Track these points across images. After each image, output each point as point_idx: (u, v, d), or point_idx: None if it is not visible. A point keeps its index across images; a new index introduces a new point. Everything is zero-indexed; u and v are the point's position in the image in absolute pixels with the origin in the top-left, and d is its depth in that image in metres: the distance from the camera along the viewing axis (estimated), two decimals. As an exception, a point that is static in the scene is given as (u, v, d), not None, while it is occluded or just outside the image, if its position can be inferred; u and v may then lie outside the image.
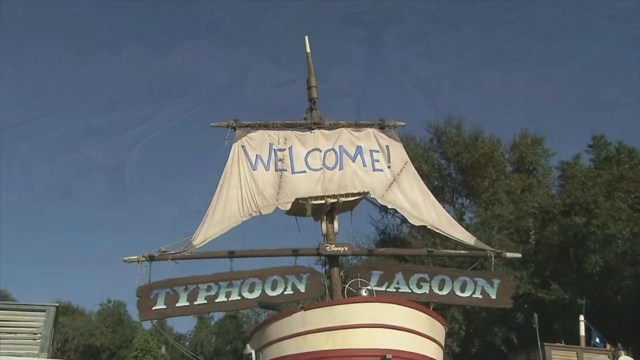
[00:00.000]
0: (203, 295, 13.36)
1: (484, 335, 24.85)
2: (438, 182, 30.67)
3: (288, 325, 12.46)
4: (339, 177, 14.91)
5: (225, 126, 15.22)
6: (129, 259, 13.46)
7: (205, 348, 49.21)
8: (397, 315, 12.08)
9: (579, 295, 21.55)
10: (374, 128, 15.76)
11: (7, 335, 13.09)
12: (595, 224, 22.79)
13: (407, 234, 28.21)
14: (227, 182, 14.62)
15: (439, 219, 15.27)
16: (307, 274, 13.88)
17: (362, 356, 11.61)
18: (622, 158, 27.36)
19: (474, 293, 14.26)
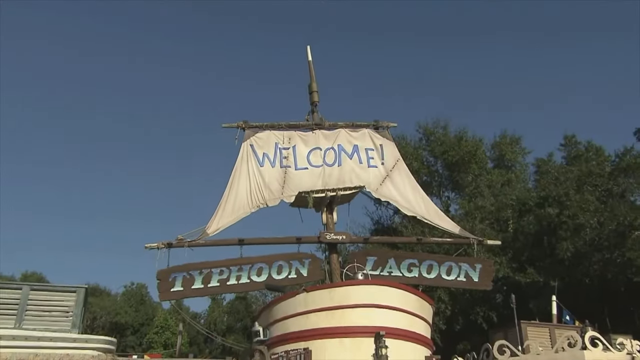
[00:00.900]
0: (216, 279, 13.37)
1: (467, 314, 24.89)
2: (426, 177, 30.65)
3: (292, 305, 12.47)
4: (338, 173, 14.89)
5: (236, 127, 15.21)
6: (149, 245, 13.46)
7: (218, 326, 49.28)
8: (390, 296, 12.09)
9: (552, 278, 21.57)
10: (369, 128, 15.73)
11: (43, 313, 13.12)
12: (567, 215, 22.78)
13: (399, 223, 28.20)
14: (237, 177, 14.60)
15: (428, 210, 15.25)
16: (309, 260, 13.86)
17: (359, 333, 11.61)
18: (590, 156, 27.38)
19: (458, 276, 14.27)
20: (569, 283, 21.70)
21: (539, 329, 16.61)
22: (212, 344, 44.80)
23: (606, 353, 14.66)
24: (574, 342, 14.81)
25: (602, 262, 20.78)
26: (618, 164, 24.55)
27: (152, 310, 53.02)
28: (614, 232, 20.50)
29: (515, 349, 15.60)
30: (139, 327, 51.96)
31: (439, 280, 14.36)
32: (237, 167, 14.73)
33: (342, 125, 15.64)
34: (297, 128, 15.47)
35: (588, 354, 14.47)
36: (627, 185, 23.06)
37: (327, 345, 11.63)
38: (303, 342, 11.84)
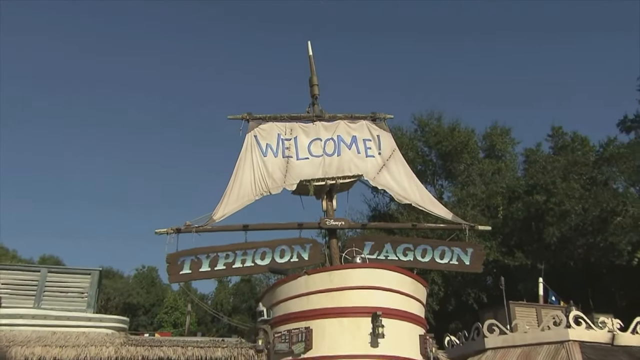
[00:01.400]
0: (222, 262, 13.39)
1: (459, 295, 25.01)
2: (421, 166, 30.68)
3: (294, 287, 12.51)
4: (337, 163, 14.87)
5: (240, 118, 15.16)
6: (159, 231, 13.47)
7: (224, 306, 49.58)
8: (386, 278, 12.13)
9: (539, 261, 21.67)
10: (366, 120, 15.67)
11: (60, 294, 13.22)
12: (553, 202, 22.83)
13: (395, 210, 28.25)
14: (241, 166, 14.58)
15: (422, 197, 15.24)
16: (310, 244, 13.88)
17: (357, 313, 11.66)
18: (576, 146, 27.41)
19: (451, 260, 14.28)
20: (554, 266, 21.79)
21: (526, 309, 16.70)
22: (219, 324, 45.04)
23: (589, 331, 14.77)
24: (559, 321, 14.93)
25: (586, 246, 20.86)
26: (602, 154, 24.55)
27: (162, 292, 53.32)
28: (597, 218, 20.56)
29: (504, 327, 15.72)
30: (150, 307, 52.27)
31: (433, 263, 14.36)
32: (242, 157, 14.69)
33: (341, 117, 15.58)
34: (299, 120, 15.41)
35: (572, 332, 14.59)
36: (610, 174, 23.09)
37: (327, 325, 11.67)
38: (304, 321, 11.90)
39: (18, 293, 12.94)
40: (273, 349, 12.34)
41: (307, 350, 11.59)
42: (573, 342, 14.36)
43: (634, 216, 19.35)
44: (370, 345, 11.39)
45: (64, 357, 11.47)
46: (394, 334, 11.57)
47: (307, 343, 11.62)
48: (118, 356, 11.88)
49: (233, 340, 13.70)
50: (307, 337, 11.67)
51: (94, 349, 11.79)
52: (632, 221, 19.36)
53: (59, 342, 11.84)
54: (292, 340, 11.87)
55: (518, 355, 14.78)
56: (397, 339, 11.65)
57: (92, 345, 11.91)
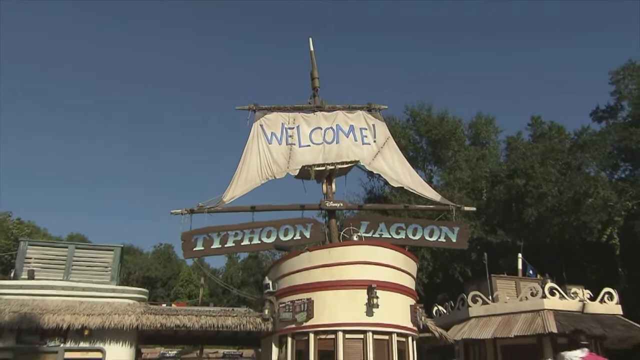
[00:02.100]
0: (232, 240, 13.42)
1: (446, 269, 25.13)
2: (412, 152, 30.60)
3: (297, 262, 12.56)
4: (336, 149, 14.82)
5: (247, 109, 15.07)
6: (174, 211, 13.49)
7: (234, 280, 49.88)
8: (381, 254, 12.18)
9: (518, 238, 21.72)
10: (363, 110, 15.57)
11: (86, 268, 13.27)
12: (532, 185, 22.81)
13: (389, 193, 28.26)
14: (249, 153, 14.53)
15: (413, 181, 15.21)
16: (311, 224, 13.87)
17: (354, 285, 11.73)
18: (553, 134, 27.30)
19: (439, 238, 14.30)
20: (532, 243, 21.84)
21: (506, 282, 16.80)
22: (229, 295, 45.37)
23: (562, 301, 14.91)
24: (536, 292, 15.05)
25: (561, 225, 20.89)
26: (576, 141, 24.46)
27: (178, 267, 53.65)
28: (571, 199, 20.56)
29: (486, 298, 15.85)
30: (167, 280, 52.65)
31: (423, 241, 14.41)
32: (249, 145, 14.63)
33: (339, 107, 15.48)
34: (301, 110, 15.31)
35: (547, 302, 14.73)
36: (584, 160, 23.01)
37: (327, 296, 11.75)
38: (306, 293, 11.99)
39: (49, 267, 12.99)
40: (278, 317, 12.44)
41: (309, 318, 11.69)
42: (548, 311, 14.50)
43: (604, 198, 19.33)
44: (366, 315, 11.49)
45: (91, 324, 11.56)
46: (387, 304, 11.65)
47: (309, 312, 11.72)
48: (139, 324, 11.97)
49: (242, 310, 13.76)
50: (309, 307, 11.76)
51: (117, 317, 11.87)
52: (602, 202, 19.33)
53: (86, 310, 11.90)
54: (296, 310, 11.96)
55: (498, 322, 14.91)
56: (390, 309, 11.74)
57: (116, 313, 11.98)
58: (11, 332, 11.31)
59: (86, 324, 11.48)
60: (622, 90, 22.84)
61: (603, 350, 14.82)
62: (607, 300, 15.38)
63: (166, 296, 48.43)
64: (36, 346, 11.54)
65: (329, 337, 11.46)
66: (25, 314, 11.21)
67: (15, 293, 12.12)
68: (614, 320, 14.82)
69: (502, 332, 14.44)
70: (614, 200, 19.03)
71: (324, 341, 11.50)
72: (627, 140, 21.07)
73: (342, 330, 11.39)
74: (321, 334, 11.54)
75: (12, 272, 13.18)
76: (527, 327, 14.12)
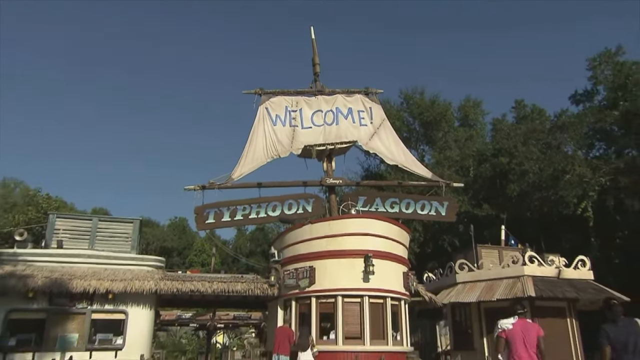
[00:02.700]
0: (240, 213, 13.47)
1: (436, 240, 25.27)
2: (406, 133, 30.43)
3: (300, 233, 12.64)
4: (336, 131, 14.73)
5: (254, 93, 14.94)
6: (188, 187, 13.49)
7: (243, 250, 50.23)
8: (376, 226, 12.23)
9: (502, 212, 21.78)
10: (360, 94, 15.41)
11: (109, 238, 13.39)
12: (515, 163, 22.74)
13: (384, 170, 28.21)
14: (255, 134, 14.46)
15: (406, 159, 15.17)
16: (313, 199, 13.90)
17: (352, 254, 11.82)
18: (534, 116, 27.08)
19: (430, 211, 14.34)
20: (515, 216, 21.91)
21: (490, 251, 16.88)
22: (239, 264, 45.76)
23: (540, 267, 15.05)
24: (517, 260, 15.17)
25: (541, 200, 20.90)
26: (556, 123, 24.26)
27: (192, 238, 53.92)
28: (550, 176, 20.51)
29: (472, 265, 15.99)
30: (182, 250, 53.02)
31: (415, 214, 14.44)
32: (255, 126, 14.55)
33: (339, 91, 15.32)
34: (303, 94, 15.16)
35: (527, 269, 14.87)
36: (562, 139, 22.87)
37: (327, 264, 11.87)
38: (308, 261, 12.10)
39: (75, 237, 13.11)
40: (283, 283, 12.59)
41: (311, 284, 11.83)
42: (527, 277, 14.65)
43: (580, 174, 19.27)
44: (363, 281, 11.62)
45: (114, 288, 11.73)
46: (382, 271, 11.77)
47: (311, 279, 11.85)
48: (157, 289, 12.15)
49: (250, 276, 13.92)
50: (311, 274, 11.89)
51: (138, 282, 12.02)
52: (578, 178, 19.28)
53: (109, 276, 12.06)
54: (299, 277, 12.09)
55: (482, 287, 15.07)
56: (385, 276, 11.87)
57: (137, 279, 12.13)
58: (44, 295, 11.50)
59: (110, 289, 11.66)
60: (598, 75, 22.55)
61: (576, 312, 15.05)
62: (580, 267, 15.52)
63: (181, 264, 48.82)
64: (66, 308, 11.76)
65: (329, 301, 11.61)
66: (55, 279, 11.38)
67: (47, 260, 12.30)
68: (586, 284, 14.99)
69: (485, 296, 14.61)
70: (588, 177, 18.99)
71: (324, 304, 11.67)
72: (601, 122, 20.93)
73: (341, 295, 11.53)
74: (322, 298, 11.70)
75: (43, 242, 13.32)
76: (508, 291, 14.29)
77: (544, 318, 14.01)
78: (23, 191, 33.38)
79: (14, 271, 11.51)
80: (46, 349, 11.23)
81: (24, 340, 11.29)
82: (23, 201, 30.68)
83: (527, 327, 5.87)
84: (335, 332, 11.37)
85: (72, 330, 11.68)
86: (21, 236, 12.82)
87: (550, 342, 12.98)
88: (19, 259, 12.19)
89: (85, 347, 11.52)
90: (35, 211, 28.26)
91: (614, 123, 20.63)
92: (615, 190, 18.85)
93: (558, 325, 13.52)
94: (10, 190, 33.79)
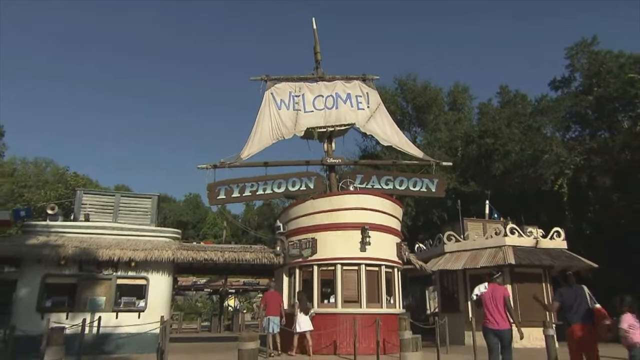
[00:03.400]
0: (248, 190, 13.48)
1: (426, 214, 25.29)
2: (400, 116, 30.05)
3: (303, 208, 12.70)
4: (336, 114, 14.62)
5: (260, 79, 14.78)
6: (200, 166, 13.48)
7: (251, 223, 50.41)
8: (372, 201, 12.29)
9: (486, 188, 21.75)
10: (358, 80, 15.23)
11: (131, 212, 13.48)
12: (499, 144, 22.59)
13: (379, 151, 27.96)
14: (262, 117, 14.36)
15: (400, 141, 15.12)
16: (314, 177, 13.90)
17: (350, 227, 11.91)
18: (517, 101, 26.72)
19: (421, 188, 14.36)
20: (498, 192, 21.89)
21: (475, 223, 16.99)
22: (247, 235, 46.06)
23: (520, 238, 15.16)
24: (499, 232, 15.28)
25: (521, 177, 20.84)
26: (536, 107, 24.00)
27: (205, 212, 54.16)
28: (530, 155, 20.40)
29: (458, 237, 16.11)
30: (196, 223, 53.34)
31: (407, 190, 14.47)
32: (262, 110, 14.43)
33: (338, 78, 15.15)
34: (305, 80, 14.99)
35: (508, 239, 14.98)
36: (542, 122, 22.65)
37: (328, 236, 11.97)
38: (311, 233, 12.20)
39: (100, 211, 13.20)
40: (288, 253, 12.72)
41: (313, 254, 11.97)
42: (508, 247, 14.78)
43: (557, 154, 19.18)
44: (360, 250, 11.74)
45: (136, 257, 11.88)
46: (377, 242, 11.88)
47: (313, 249, 11.97)
48: (175, 257, 12.29)
49: (258, 247, 14.06)
50: (313, 245, 12.01)
51: (157, 252, 12.16)
52: (555, 158, 19.20)
53: (131, 246, 12.18)
54: (302, 247, 12.21)
55: (468, 256, 15.22)
56: (380, 246, 11.98)
57: (156, 249, 12.26)
58: (74, 263, 11.68)
59: (132, 257, 11.82)
60: (575, 64, 22.23)
61: (551, 277, 15.22)
62: (555, 238, 15.64)
63: (196, 236, 49.19)
64: (94, 274, 11.94)
65: (330, 269, 11.75)
66: (84, 248, 11.52)
67: (76, 232, 12.45)
68: (560, 253, 15.13)
69: (470, 263, 14.76)
70: (565, 156, 18.90)
71: (325, 272, 11.81)
72: (577, 106, 20.73)
73: (340, 263, 11.67)
74: (323, 266, 11.83)
75: (72, 215, 13.43)
76: (491, 259, 14.43)
77: (522, 283, 14.21)
78: (53, 170, 33.56)
79: (47, 241, 11.67)
80: (78, 309, 11.47)
81: (58, 302, 11.54)
82: (54, 179, 30.89)
83: (496, 290, 6.55)
84: (335, 296, 11.53)
85: (100, 293, 11.89)
86: (53, 210, 12.90)
87: (527, 304, 13.33)
88: (51, 230, 12.34)
89: (112, 308, 11.75)
90: (64, 188, 28.45)
91: (589, 107, 20.42)
92: (588, 169, 18.78)
93: (535, 289, 13.69)
94: (42, 169, 34.00)
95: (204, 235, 48.15)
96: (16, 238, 12.78)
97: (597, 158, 18.54)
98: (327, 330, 11.04)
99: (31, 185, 29.45)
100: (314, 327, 10.91)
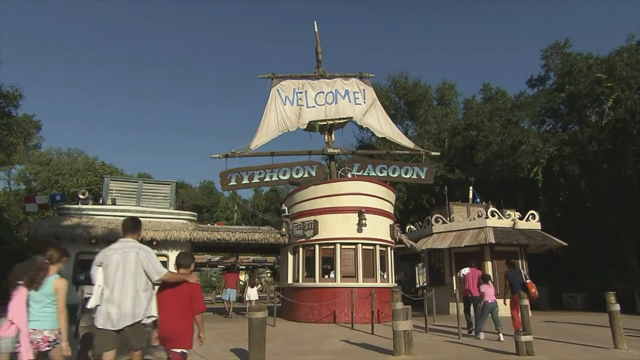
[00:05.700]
0: (257, 177, 13.50)
1: (417, 199, 25.32)
2: (393, 111, 29.79)
3: (306, 193, 12.74)
4: (335, 109, 14.55)
5: (267, 77, 14.67)
6: (214, 156, 13.47)
7: (259, 207, 50.55)
8: (368, 187, 12.31)
9: (470, 176, 21.74)
10: (356, 78, 15.10)
11: (151, 197, 13.50)
12: (482, 135, 22.47)
13: (375, 142, 27.87)
14: (268, 112, 14.30)
15: (393, 133, 15.07)
16: (316, 165, 13.89)
17: (348, 210, 11.95)
18: (498, 97, 26.52)
19: (412, 175, 14.35)
20: (481, 179, 21.87)
21: (460, 207, 17.06)
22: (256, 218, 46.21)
23: (499, 220, 15.21)
24: (481, 214, 15.33)
25: (501, 166, 20.77)
26: (515, 102, 23.82)
27: (218, 197, 54.21)
28: (509, 146, 20.31)
29: (445, 219, 16.16)
30: (210, 207, 53.42)
31: (400, 177, 14.45)
32: (269, 105, 14.36)
33: (338, 76, 15.02)
34: (308, 78, 14.87)
35: (489, 221, 15.04)
36: (520, 117, 22.46)
37: (328, 218, 12.04)
38: (313, 216, 12.27)
39: (125, 196, 13.25)
40: (292, 233, 12.80)
41: (314, 234, 12.05)
42: (489, 228, 14.85)
43: (533, 145, 19.10)
44: (357, 231, 11.81)
45: (157, 237, 11.97)
46: (372, 224, 11.94)
47: (315, 230, 12.05)
48: (191, 237, 12.39)
49: (266, 228, 14.12)
50: (315, 226, 12.08)
51: (175, 232, 12.26)
52: (531, 148, 19.13)
53: (153, 227, 12.28)
54: (305, 228, 12.29)
55: (453, 236, 15.30)
56: (375, 227, 12.05)
57: (175, 230, 12.36)
58: (104, 242, 11.68)
59: (154, 237, 11.93)
60: (550, 64, 22.01)
61: (526, 254, 15.32)
62: (531, 219, 15.72)
63: (210, 219, 49.30)
64: (121, 252, 11.99)
65: (330, 247, 11.83)
66: (112, 229, 11.59)
67: (104, 214, 12.53)
68: (534, 233, 15.21)
69: (455, 243, 14.85)
70: (540, 147, 18.83)
71: (326, 250, 11.90)
72: (551, 102, 20.59)
73: (339, 243, 11.75)
74: (324, 245, 11.92)
75: (100, 199, 13.49)
76: (473, 239, 14.52)
77: (501, 260, 14.30)
78: (84, 159, 33.72)
79: (79, 222, 11.77)
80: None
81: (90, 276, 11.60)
82: (84, 167, 31.07)
83: (474, 272, 9.29)
84: (334, 272, 11.64)
85: (126, 269, 11.97)
86: (84, 195, 12.96)
87: (505, 279, 13.40)
88: (82, 213, 12.44)
89: (136, 283, 11.83)
90: (93, 175, 28.67)
91: (561, 103, 20.30)
92: (560, 158, 18.76)
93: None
94: (74, 158, 34.16)
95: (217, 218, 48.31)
96: (53, 219, 12.85)
97: (568, 149, 18.54)
98: (327, 302, 11.16)
99: (65, 173, 29.70)
100: (316, 300, 11.02)
